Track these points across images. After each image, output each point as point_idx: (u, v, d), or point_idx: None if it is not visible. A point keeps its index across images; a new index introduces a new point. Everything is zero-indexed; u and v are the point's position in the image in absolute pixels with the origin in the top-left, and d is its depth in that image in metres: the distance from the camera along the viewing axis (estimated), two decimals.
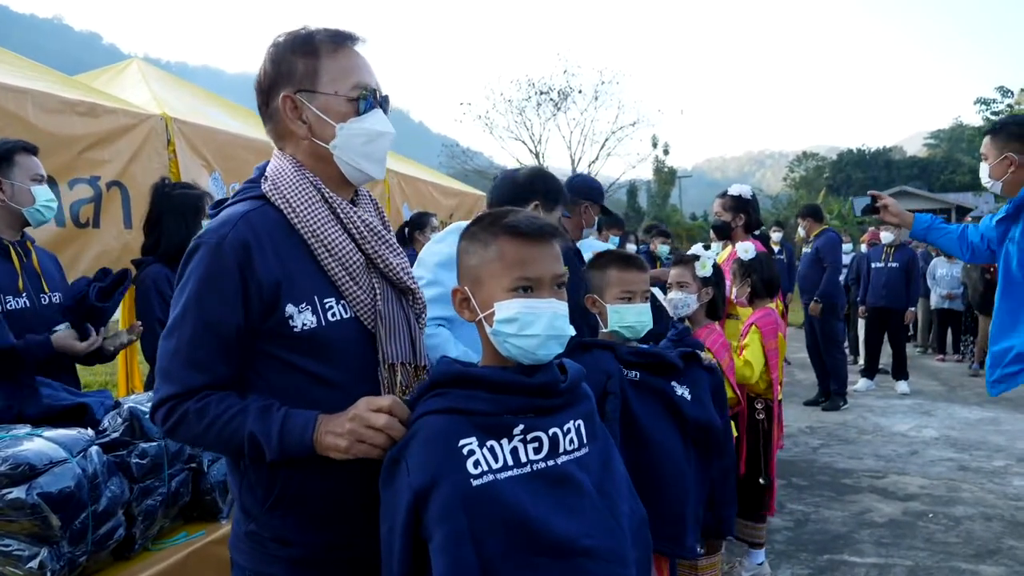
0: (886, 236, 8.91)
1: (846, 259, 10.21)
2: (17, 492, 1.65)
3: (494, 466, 1.32)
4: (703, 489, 2.27)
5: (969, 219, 23.83)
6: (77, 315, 2.84)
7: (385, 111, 1.61)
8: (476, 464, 1.31)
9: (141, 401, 2.13)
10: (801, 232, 8.38)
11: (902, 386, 9.02)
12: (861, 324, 10.63)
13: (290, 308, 1.45)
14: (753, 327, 3.64)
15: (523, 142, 33.59)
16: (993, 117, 31.59)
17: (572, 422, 1.44)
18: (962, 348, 11.27)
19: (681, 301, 3.23)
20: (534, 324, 1.39)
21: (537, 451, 1.37)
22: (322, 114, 1.52)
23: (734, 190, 4.89)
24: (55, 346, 2.62)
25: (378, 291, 1.54)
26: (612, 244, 7.13)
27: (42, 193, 2.78)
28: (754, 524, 3.80)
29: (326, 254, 1.50)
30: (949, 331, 11.65)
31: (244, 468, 1.51)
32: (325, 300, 1.49)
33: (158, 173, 4.16)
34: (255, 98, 1.62)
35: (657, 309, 2.72)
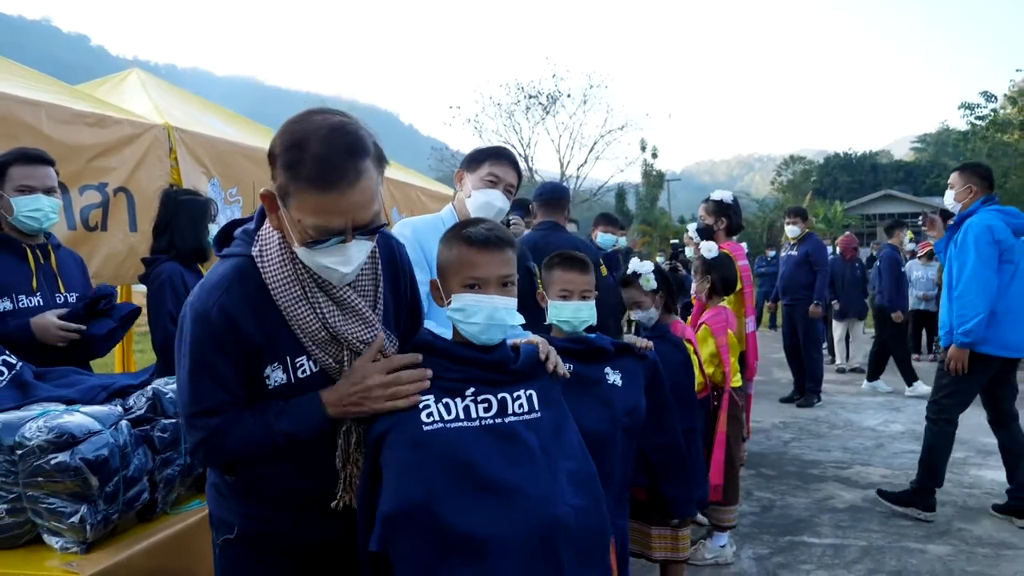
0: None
1: None
2: (62, 457, 1.93)
3: (446, 417, 1.65)
4: (627, 469, 2.53)
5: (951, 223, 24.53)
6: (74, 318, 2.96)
7: (368, 233, 1.61)
8: (429, 415, 1.64)
9: (162, 384, 2.41)
10: (792, 232, 8.70)
11: (880, 385, 9.35)
12: (836, 325, 11.00)
13: (268, 370, 1.67)
14: (704, 326, 3.95)
15: (512, 146, 33.90)
16: (978, 121, 32.06)
17: (523, 391, 1.75)
18: (935, 348, 11.63)
19: (645, 317, 3.49)
20: (477, 314, 1.72)
21: (487, 410, 1.69)
22: (288, 225, 1.60)
23: (716, 195, 5.22)
24: (33, 327, 2.80)
25: (345, 358, 1.71)
26: (605, 242, 7.40)
27: (23, 203, 2.87)
28: (720, 507, 4.09)
29: (296, 328, 1.67)
30: (924, 331, 12.01)
31: None
32: (296, 359, 1.68)
33: (161, 179, 4.41)
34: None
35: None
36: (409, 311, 1.95)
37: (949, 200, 4.81)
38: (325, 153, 1.49)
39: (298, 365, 1.69)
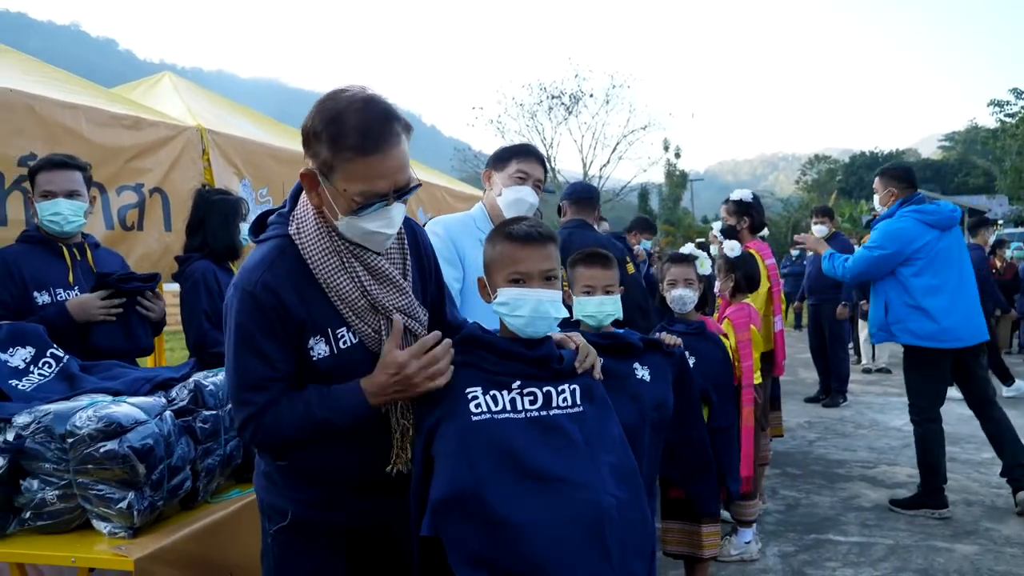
0: None
1: None
2: (111, 445, 2.02)
3: (494, 409, 1.71)
4: (653, 463, 2.57)
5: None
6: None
7: (404, 197, 1.71)
8: (477, 406, 1.70)
9: (203, 377, 2.49)
10: (819, 232, 8.65)
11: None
12: (863, 325, 10.93)
13: (311, 342, 1.74)
14: (727, 320, 3.97)
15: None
16: (1007, 119, 31.58)
17: (567, 386, 1.81)
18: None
19: (689, 297, 3.48)
20: (522, 307, 1.79)
21: (532, 403, 1.74)
22: (331, 199, 1.68)
23: (735, 195, 5.25)
24: (70, 308, 2.92)
25: (383, 327, 1.79)
26: (643, 248, 7.43)
27: (44, 208, 2.99)
28: (741, 502, 4.11)
29: (336, 298, 1.75)
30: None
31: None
32: (337, 330, 1.76)
33: (194, 180, 4.51)
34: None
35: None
36: (436, 287, 2.02)
37: (876, 204, 5.17)
38: (365, 122, 1.62)
39: (339, 336, 1.76)
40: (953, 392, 4.87)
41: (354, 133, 1.61)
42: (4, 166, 3.41)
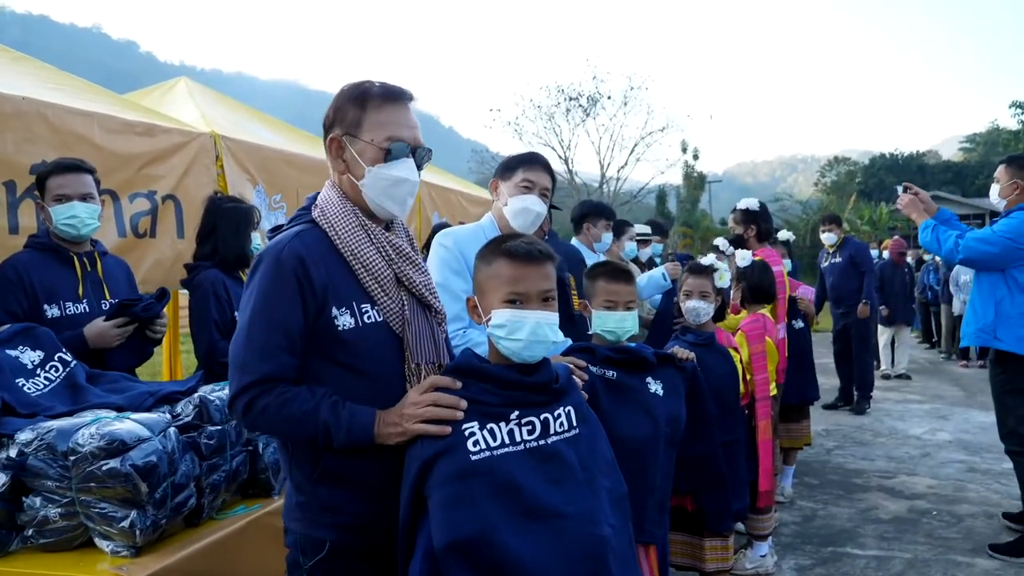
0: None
1: None
2: (113, 463, 1.98)
3: (492, 444, 1.63)
4: (667, 478, 2.53)
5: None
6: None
7: (420, 161, 1.88)
8: (475, 444, 1.62)
9: (208, 391, 2.47)
10: (828, 239, 8.56)
11: None
12: (883, 331, 10.80)
13: (335, 311, 1.73)
14: (740, 333, 3.92)
15: (552, 148, 33.81)
16: None
17: (563, 409, 1.75)
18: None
19: (703, 309, 3.41)
20: (520, 330, 1.71)
21: (531, 432, 1.68)
22: (358, 156, 1.81)
23: (743, 204, 5.20)
24: (87, 336, 2.88)
25: (405, 302, 1.82)
26: (654, 251, 7.37)
27: (60, 212, 2.95)
28: (756, 516, 4.05)
29: (362, 270, 1.78)
30: None
31: (292, 448, 1.81)
32: (361, 305, 1.77)
33: (208, 187, 4.50)
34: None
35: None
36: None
37: (994, 196, 4.54)
38: (387, 84, 1.86)
39: (363, 311, 1.78)
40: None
41: (380, 89, 1.83)
42: (16, 174, 3.41)
